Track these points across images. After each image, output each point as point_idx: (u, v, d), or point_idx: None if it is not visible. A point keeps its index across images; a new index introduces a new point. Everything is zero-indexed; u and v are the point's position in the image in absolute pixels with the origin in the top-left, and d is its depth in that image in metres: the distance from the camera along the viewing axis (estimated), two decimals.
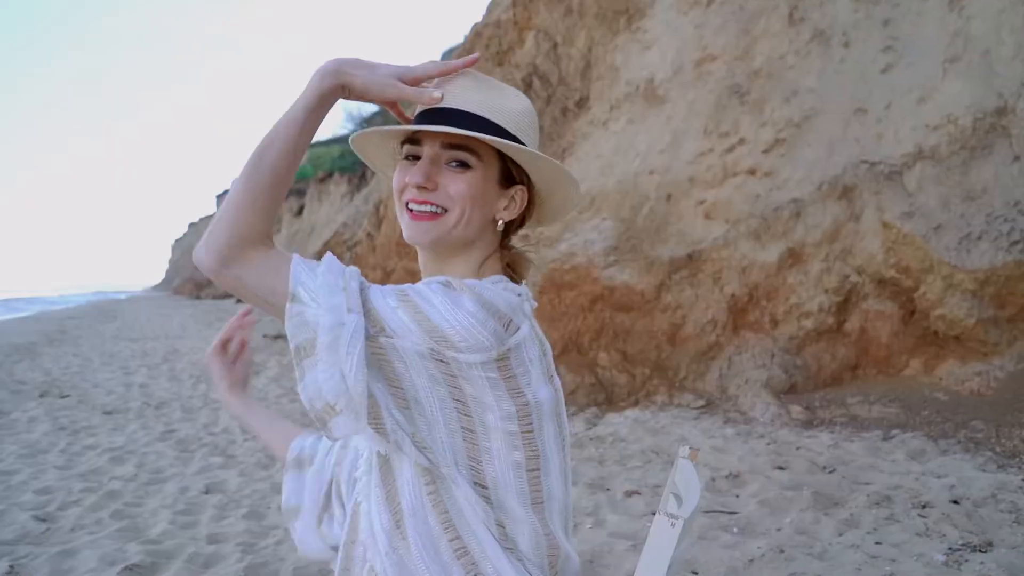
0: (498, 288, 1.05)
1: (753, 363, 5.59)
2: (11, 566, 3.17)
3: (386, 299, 0.97)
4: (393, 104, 1.13)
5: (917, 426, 4.56)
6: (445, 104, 1.07)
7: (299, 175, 39.54)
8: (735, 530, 3.29)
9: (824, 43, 6.92)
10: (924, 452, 4.17)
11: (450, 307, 0.97)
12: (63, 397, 7.62)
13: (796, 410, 5.04)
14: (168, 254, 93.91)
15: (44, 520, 3.80)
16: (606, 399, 5.77)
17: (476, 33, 10.18)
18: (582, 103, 8.78)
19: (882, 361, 5.42)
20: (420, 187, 1.07)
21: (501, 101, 1.10)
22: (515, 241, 1.20)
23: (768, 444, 4.51)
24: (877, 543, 3.05)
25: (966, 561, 2.82)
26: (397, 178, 1.12)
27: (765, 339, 5.71)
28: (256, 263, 0.96)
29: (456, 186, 1.07)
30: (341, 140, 37.55)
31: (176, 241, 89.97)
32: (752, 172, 6.41)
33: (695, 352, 5.88)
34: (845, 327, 5.60)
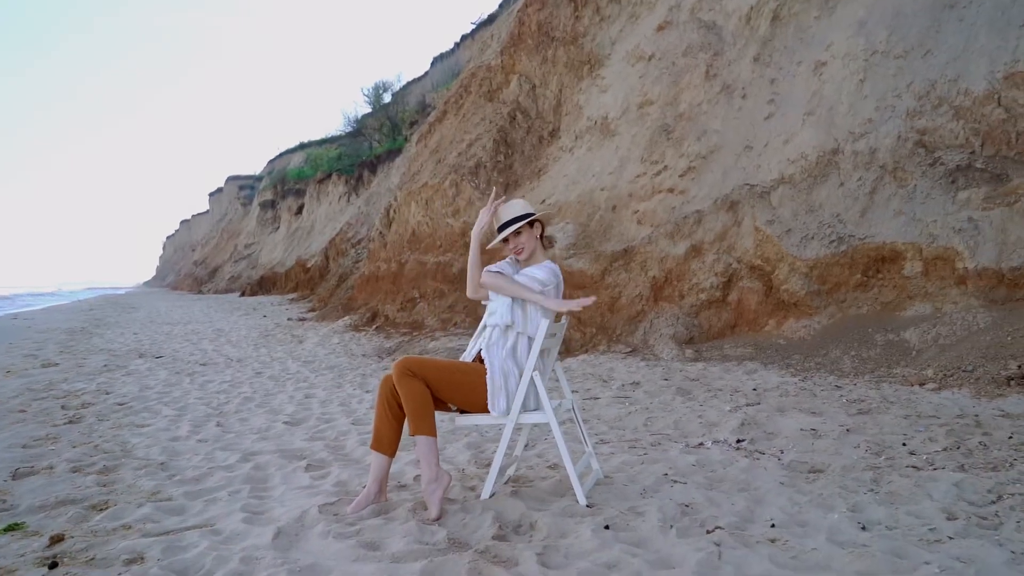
0: (547, 266, 3.54)
1: (666, 324, 8.11)
2: (218, 423, 5.61)
3: (523, 276, 3.47)
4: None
5: (760, 359, 7.09)
6: (503, 220, 3.58)
7: (298, 176, 41.37)
8: (627, 404, 5.80)
9: (728, 95, 9.44)
10: (756, 371, 6.70)
11: (539, 273, 3.47)
12: (158, 357, 9.98)
13: (689, 352, 7.56)
14: (159, 251, 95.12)
15: (214, 409, 6.23)
16: (565, 349, 8.26)
17: (471, 73, 12.64)
18: (554, 133, 11.27)
19: (751, 322, 7.95)
20: (516, 247, 3.58)
21: (516, 205, 3.59)
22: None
23: (663, 370, 7.03)
24: (700, 406, 5.56)
25: (740, 410, 5.33)
26: (507, 247, 3.61)
27: (674, 308, 8.24)
28: (482, 290, 3.58)
29: (522, 239, 3.58)
30: (337, 140, 39.34)
31: (168, 238, 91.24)
32: (671, 190, 8.93)
33: (627, 317, 8.40)
34: (728, 299, 8.13)
